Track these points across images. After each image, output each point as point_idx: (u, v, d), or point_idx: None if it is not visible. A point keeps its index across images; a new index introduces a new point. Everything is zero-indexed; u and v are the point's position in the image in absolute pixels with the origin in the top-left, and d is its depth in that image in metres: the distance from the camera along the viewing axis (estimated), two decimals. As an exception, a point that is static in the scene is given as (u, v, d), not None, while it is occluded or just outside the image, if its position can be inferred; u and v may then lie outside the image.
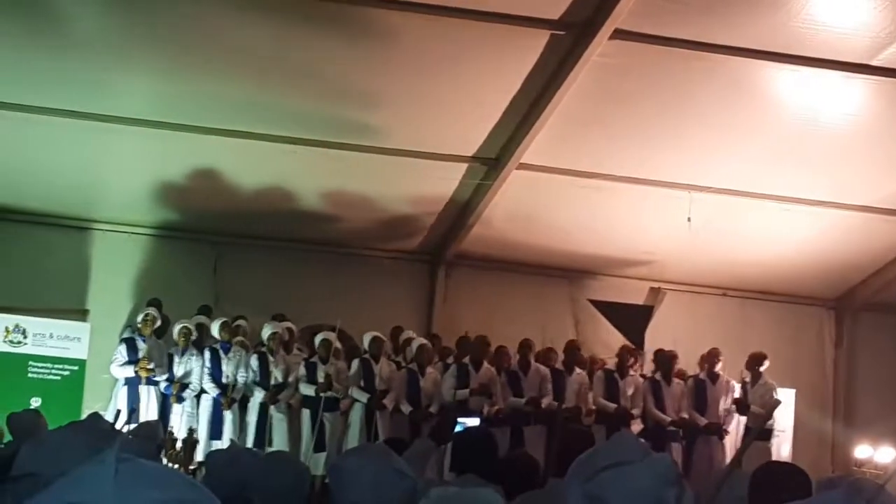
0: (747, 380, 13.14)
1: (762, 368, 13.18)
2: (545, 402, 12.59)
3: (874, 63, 11.32)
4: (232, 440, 11.32)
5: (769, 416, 11.91)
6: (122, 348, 12.54)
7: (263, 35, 11.05)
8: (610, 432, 11.43)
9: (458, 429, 9.59)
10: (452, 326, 14.26)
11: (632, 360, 13.38)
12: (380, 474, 3.34)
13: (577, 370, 13.15)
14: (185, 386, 12.51)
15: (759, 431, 12.04)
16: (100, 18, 10.95)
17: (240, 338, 12.82)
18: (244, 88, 11.83)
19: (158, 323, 12.75)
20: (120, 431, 6.76)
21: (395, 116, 12.37)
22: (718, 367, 13.28)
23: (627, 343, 13.67)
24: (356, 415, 12.56)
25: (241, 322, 13.11)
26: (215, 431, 12.38)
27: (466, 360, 12.94)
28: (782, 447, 14.06)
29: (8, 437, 6.84)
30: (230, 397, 12.43)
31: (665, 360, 13.28)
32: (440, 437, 6.19)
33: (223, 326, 12.81)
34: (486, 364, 12.85)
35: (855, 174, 13.24)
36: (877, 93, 11.83)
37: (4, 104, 12.27)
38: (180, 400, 12.47)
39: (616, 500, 2.56)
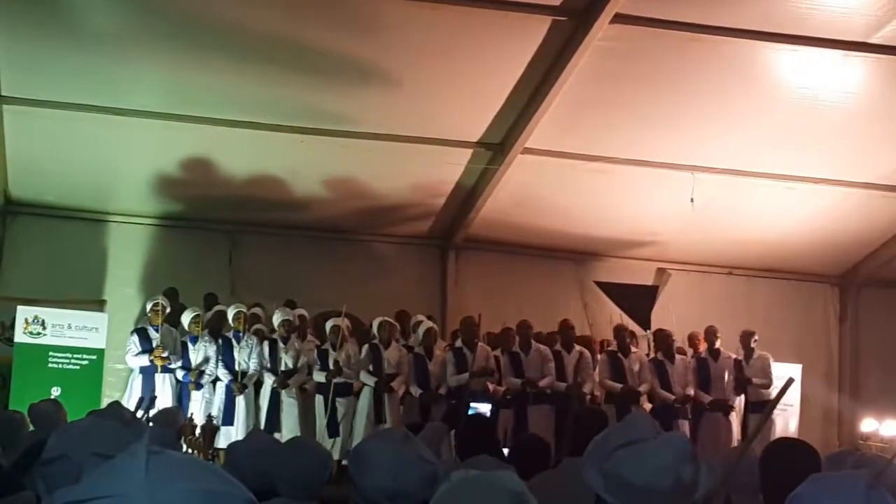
0: (741, 357, 13.25)
1: (753, 343, 13.29)
2: (544, 382, 12.65)
3: (873, 41, 11.38)
4: (256, 427, 11.45)
5: (783, 393, 11.96)
6: (135, 338, 12.65)
7: (271, 26, 11.16)
8: (620, 411, 11.53)
9: (470, 412, 9.70)
10: (464, 309, 14.34)
11: (630, 338, 13.46)
12: (400, 459, 3.39)
13: (577, 347, 13.17)
14: (201, 373, 12.65)
15: (772, 410, 12.08)
16: (112, 14, 11.08)
17: (258, 326, 12.92)
18: (254, 80, 11.94)
19: (168, 311, 12.85)
20: (140, 419, 6.91)
21: (400, 104, 12.46)
22: (718, 344, 13.36)
23: (621, 323, 13.76)
24: (365, 399, 12.66)
25: (257, 310, 13.22)
26: (228, 418, 12.52)
27: (459, 343, 12.94)
28: (790, 422, 14.16)
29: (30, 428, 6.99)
30: (240, 383, 12.57)
31: (663, 339, 13.35)
32: (453, 420, 6.31)
33: (237, 316, 12.92)
34: (480, 344, 12.88)
35: (855, 152, 13.31)
36: (876, 70, 11.89)
37: (20, 99, 12.43)
38: (199, 387, 12.61)
39: (634, 477, 2.63)
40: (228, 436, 11.91)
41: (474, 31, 11.21)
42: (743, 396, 13.19)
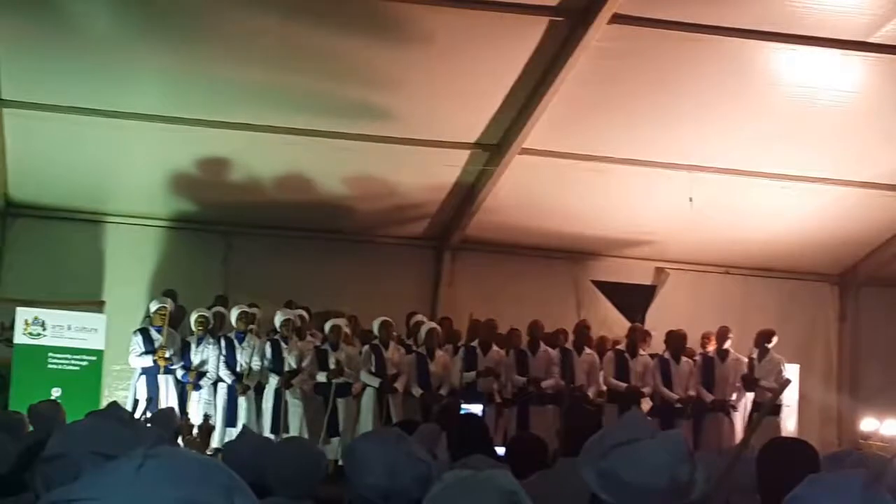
0: (754, 356, 13.21)
1: (770, 345, 13.21)
2: (547, 382, 12.68)
3: (872, 40, 11.39)
4: (245, 426, 11.43)
5: (779, 393, 11.99)
6: (139, 339, 12.66)
7: (267, 31, 11.21)
8: (622, 411, 11.53)
9: (462, 412, 9.70)
10: (457, 310, 14.37)
11: (642, 340, 13.49)
12: (394, 458, 3.40)
13: (587, 350, 13.22)
14: (201, 374, 12.65)
15: (770, 409, 12.10)
16: (112, 16, 11.13)
17: (251, 326, 12.93)
18: (251, 82, 12.00)
19: (171, 310, 12.88)
20: (138, 419, 6.93)
21: (398, 105, 12.49)
22: (728, 345, 13.35)
23: (637, 324, 13.77)
24: (368, 399, 12.66)
25: (254, 310, 13.22)
26: (231, 419, 12.53)
27: (475, 343, 13.02)
28: (788, 422, 14.13)
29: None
30: (244, 384, 12.57)
31: (675, 339, 13.37)
32: (445, 421, 6.30)
33: (241, 316, 12.91)
34: (494, 346, 12.95)
35: (854, 151, 13.31)
36: (875, 70, 11.92)
37: (19, 103, 12.50)
38: (197, 387, 12.62)
39: (630, 476, 2.64)
40: (232, 437, 11.91)
41: (471, 32, 11.23)
42: (749, 396, 13.16)
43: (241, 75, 11.85)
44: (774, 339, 13.28)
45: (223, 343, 12.77)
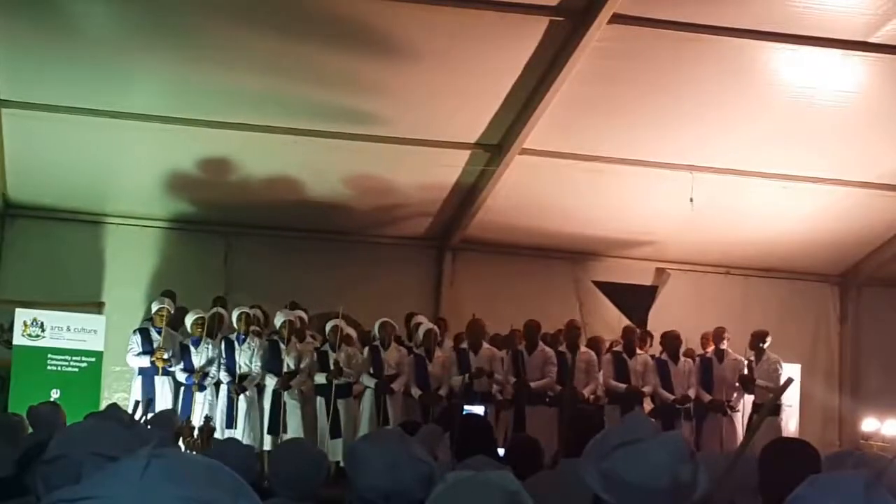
0: (752, 358, 13.22)
1: (765, 345, 13.23)
2: (539, 383, 12.64)
3: (872, 40, 11.38)
4: (216, 439, 11.41)
5: (781, 393, 12.00)
6: (137, 338, 12.65)
7: (269, 30, 11.17)
8: (624, 412, 11.52)
9: (464, 413, 9.67)
10: (459, 310, 14.36)
11: (640, 340, 13.46)
12: (396, 459, 3.40)
13: (582, 349, 13.17)
14: (205, 375, 12.64)
15: (771, 409, 12.10)
16: (111, 17, 11.13)
17: (254, 327, 12.91)
18: (251, 82, 11.98)
19: (172, 311, 12.87)
20: (138, 421, 6.93)
21: (398, 106, 12.48)
22: (725, 345, 13.34)
23: (630, 324, 13.76)
24: (367, 400, 12.67)
25: (255, 311, 13.20)
26: (230, 421, 12.51)
27: (464, 344, 12.98)
28: (789, 422, 14.14)
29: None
30: (238, 385, 12.54)
31: (671, 340, 13.37)
32: (446, 423, 6.31)
33: (241, 318, 12.89)
34: (485, 345, 12.92)
35: (855, 151, 13.31)
36: (875, 70, 11.90)
37: (18, 103, 12.49)
38: (202, 389, 12.60)
39: (632, 477, 2.63)
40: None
41: (471, 32, 11.21)
42: (748, 398, 13.16)
43: (241, 76, 11.84)
44: (768, 340, 13.28)
45: (223, 345, 12.77)
